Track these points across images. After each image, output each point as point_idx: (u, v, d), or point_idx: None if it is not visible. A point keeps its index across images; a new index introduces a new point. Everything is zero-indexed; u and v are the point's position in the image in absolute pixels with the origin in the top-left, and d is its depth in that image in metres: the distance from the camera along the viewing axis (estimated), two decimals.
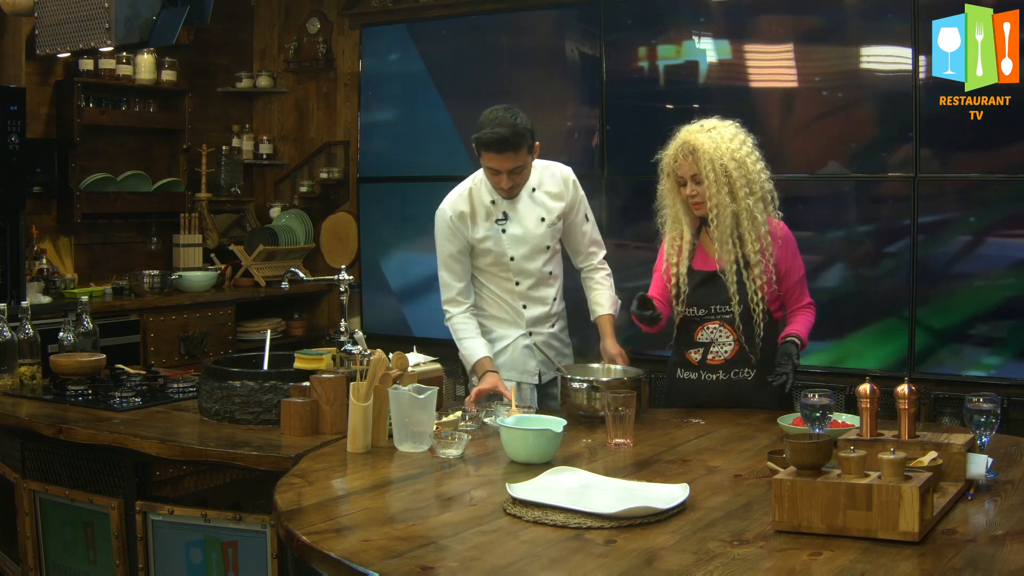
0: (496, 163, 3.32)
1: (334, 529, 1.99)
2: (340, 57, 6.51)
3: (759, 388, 3.15)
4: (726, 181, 3.06)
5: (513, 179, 3.36)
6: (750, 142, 3.15)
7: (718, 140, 3.08)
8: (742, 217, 3.09)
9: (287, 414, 2.82)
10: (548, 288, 3.55)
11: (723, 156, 3.06)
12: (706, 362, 3.18)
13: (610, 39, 5.44)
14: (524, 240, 3.46)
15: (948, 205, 4.74)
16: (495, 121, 3.28)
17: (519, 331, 3.54)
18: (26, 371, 3.48)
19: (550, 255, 3.52)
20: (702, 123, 3.15)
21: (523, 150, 3.30)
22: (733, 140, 3.10)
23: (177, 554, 2.83)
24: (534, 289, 3.52)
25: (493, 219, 3.45)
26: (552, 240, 3.50)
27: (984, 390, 2.94)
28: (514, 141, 3.26)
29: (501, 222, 3.45)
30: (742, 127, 3.17)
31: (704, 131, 3.11)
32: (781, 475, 1.96)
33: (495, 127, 3.26)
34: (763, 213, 3.12)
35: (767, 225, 3.13)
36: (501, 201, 3.45)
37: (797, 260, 3.24)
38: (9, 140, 4.85)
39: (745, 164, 3.08)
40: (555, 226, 3.49)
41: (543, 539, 1.93)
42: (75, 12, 3.84)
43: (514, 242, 3.46)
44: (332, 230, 6.52)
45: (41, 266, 5.34)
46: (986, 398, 2.28)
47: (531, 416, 2.79)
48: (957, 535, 1.92)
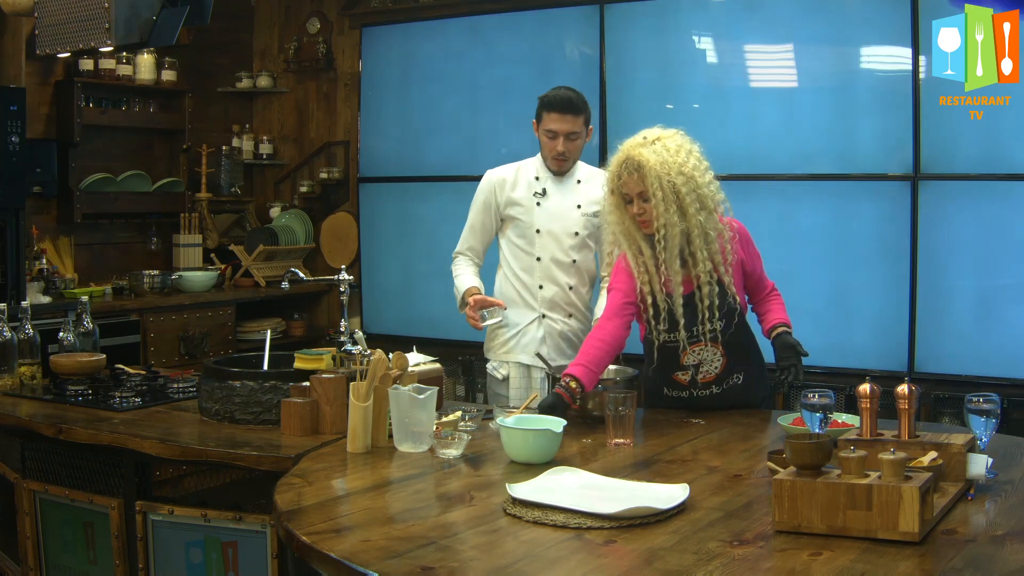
0: (557, 124, 3.51)
1: (334, 529, 1.99)
2: (340, 57, 6.51)
3: (748, 388, 3.12)
4: (674, 199, 2.89)
5: (567, 144, 3.53)
6: (696, 151, 2.98)
7: (664, 154, 2.90)
8: (693, 235, 2.94)
9: (287, 414, 2.82)
10: (569, 275, 3.61)
11: (670, 172, 2.88)
12: (697, 381, 3.07)
13: (610, 39, 5.44)
14: (556, 217, 3.58)
15: (948, 205, 4.74)
16: (563, 88, 3.56)
17: (533, 314, 3.61)
18: (26, 371, 3.48)
19: (578, 243, 3.59)
20: (644, 135, 2.98)
21: (582, 118, 3.53)
22: (679, 152, 2.92)
23: (177, 554, 2.83)
24: (555, 270, 3.59)
25: (532, 191, 3.60)
26: (582, 228, 3.59)
27: (984, 390, 2.93)
28: (578, 104, 3.52)
29: (538, 195, 3.59)
30: (686, 135, 3.01)
31: (648, 144, 2.93)
32: (781, 475, 1.96)
33: (561, 90, 3.54)
34: (715, 228, 2.97)
35: (718, 241, 2.98)
36: (545, 179, 3.60)
37: (754, 250, 3.15)
38: (9, 140, 4.85)
39: (693, 178, 2.91)
40: (589, 218, 3.59)
41: (543, 539, 1.92)
42: (75, 12, 3.84)
43: (546, 216, 3.59)
44: (332, 230, 6.52)
45: (41, 266, 5.34)
46: (986, 398, 2.28)
47: (531, 416, 2.79)
48: (957, 535, 1.92)
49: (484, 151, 4.24)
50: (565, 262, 3.60)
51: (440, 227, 5.90)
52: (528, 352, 3.60)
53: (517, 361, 3.62)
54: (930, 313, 4.78)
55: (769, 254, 5.06)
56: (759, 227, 5.09)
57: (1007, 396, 4.39)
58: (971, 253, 4.70)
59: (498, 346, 3.68)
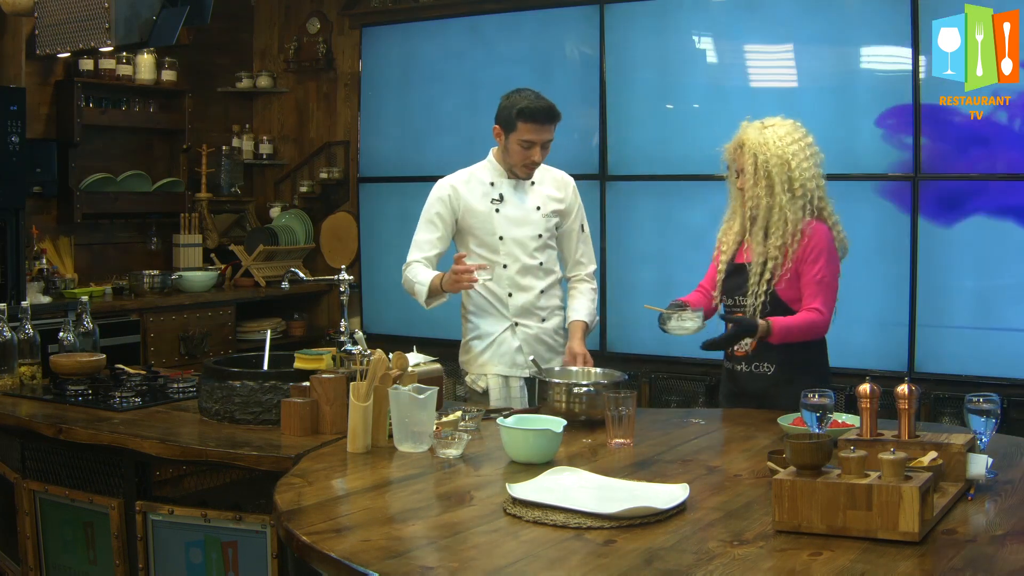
0: (534, 134, 3.43)
1: (334, 529, 1.99)
2: (340, 57, 6.51)
3: (778, 385, 3.15)
4: (764, 175, 3.14)
5: (542, 154, 3.48)
6: (804, 141, 3.20)
7: (768, 137, 3.17)
8: (774, 213, 3.14)
9: (287, 414, 2.82)
10: (537, 279, 3.56)
11: (767, 152, 3.14)
12: (734, 353, 3.25)
13: (610, 39, 5.44)
14: (517, 222, 3.51)
15: (948, 205, 4.74)
16: (533, 95, 3.44)
17: (504, 323, 3.56)
18: (26, 371, 3.48)
19: (541, 245, 3.54)
20: (764, 120, 3.25)
21: (555, 126, 3.47)
22: (784, 138, 3.17)
23: (177, 554, 2.83)
24: (521, 276, 3.54)
25: (488, 198, 3.52)
26: (545, 230, 3.54)
27: (984, 390, 2.94)
28: (556, 112, 3.45)
29: (496, 202, 3.52)
30: (801, 126, 3.25)
31: (758, 127, 3.22)
32: (781, 475, 1.96)
33: (537, 99, 3.43)
34: (798, 212, 3.14)
35: (800, 224, 3.14)
36: (500, 183, 3.53)
37: (818, 264, 3.15)
38: (9, 140, 4.85)
39: (789, 163, 3.13)
40: (550, 219, 3.54)
41: (543, 539, 1.92)
42: (75, 12, 3.84)
43: (506, 222, 3.52)
44: (332, 230, 6.52)
45: (41, 266, 5.33)
46: (986, 398, 2.28)
47: (531, 416, 2.79)
48: (957, 535, 1.92)
49: (484, 151, 4.25)
50: (532, 265, 3.54)
51: None
52: (505, 362, 3.54)
53: (496, 372, 3.55)
54: (930, 313, 4.78)
55: None
56: None
57: (1007, 396, 4.39)
58: (971, 253, 4.70)
59: (473, 359, 3.62)
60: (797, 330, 3.12)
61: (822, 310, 3.16)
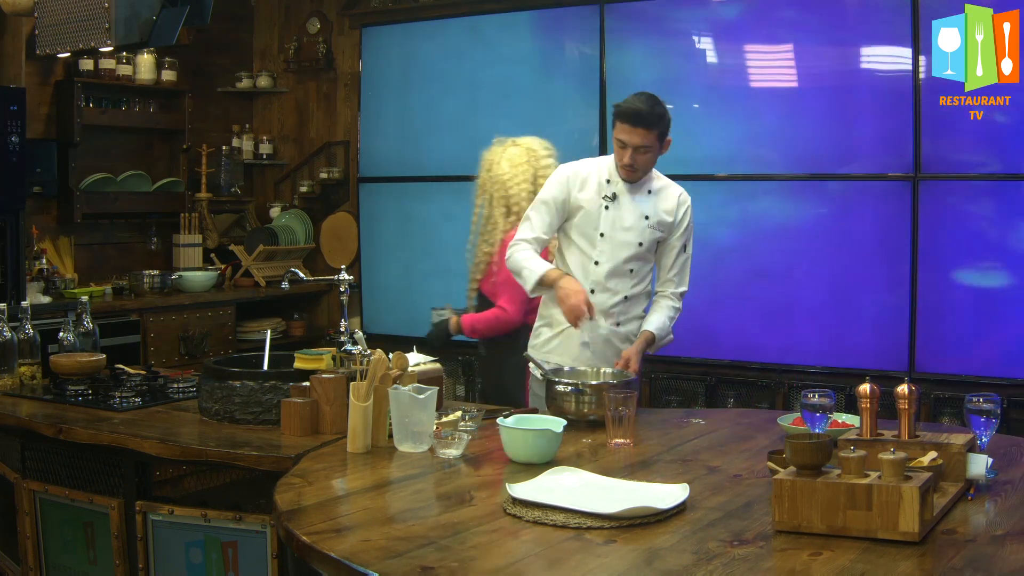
0: (625, 135, 3.37)
1: (334, 529, 1.99)
2: (340, 57, 6.51)
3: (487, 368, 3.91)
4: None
5: (636, 157, 3.39)
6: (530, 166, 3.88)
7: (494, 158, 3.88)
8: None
9: (287, 414, 2.82)
10: (623, 283, 3.48)
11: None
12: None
13: (610, 39, 5.44)
14: (621, 225, 3.46)
15: (948, 205, 4.74)
16: (638, 97, 3.39)
17: None
18: (26, 371, 3.48)
19: (638, 254, 3.47)
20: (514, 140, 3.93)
21: (654, 132, 3.35)
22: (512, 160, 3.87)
23: (177, 554, 2.83)
24: (609, 277, 3.47)
25: (602, 193, 3.48)
26: (645, 239, 3.46)
27: (984, 390, 2.94)
28: (647, 118, 3.34)
29: (608, 199, 3.47)
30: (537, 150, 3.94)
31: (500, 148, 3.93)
32: (781, 475, 1.96)
33: (636, 100, 3.38)
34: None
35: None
36: (617, 182, 3.48)
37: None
38: (9, 140, 4.85)
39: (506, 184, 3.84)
40: (654, 231, 3.46)
41: (543, 539, 1.93)
42: (75, 12, 3.84)
43: (611, 222, 3.46)
44: (332, 230, 6.52)
45: (41, 266, 5.34)
46: (986, 398, 2.28)
47: (531, 416, 2.79)
48: (957, 535, 1.92)
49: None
50: (623, 270, 3.47)
51: (440, 227, 5.90)
52: (570, 355, 3.48)
53: (556, 363, 3.43)
54: (930, 313, 4.78)
55: (769, 254, 5.11)
56: (759, 227, 5.16)
57: (1007, 396, 4.39)
58: (971, 253, 4.70)
59: (540, 346, 3.58)
60: (475, 323, 3.85)
61: (507, 307, 3.76)
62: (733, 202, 5.22)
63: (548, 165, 3.90)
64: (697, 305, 5.24)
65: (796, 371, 5.01)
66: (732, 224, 5.21)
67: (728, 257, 5.21)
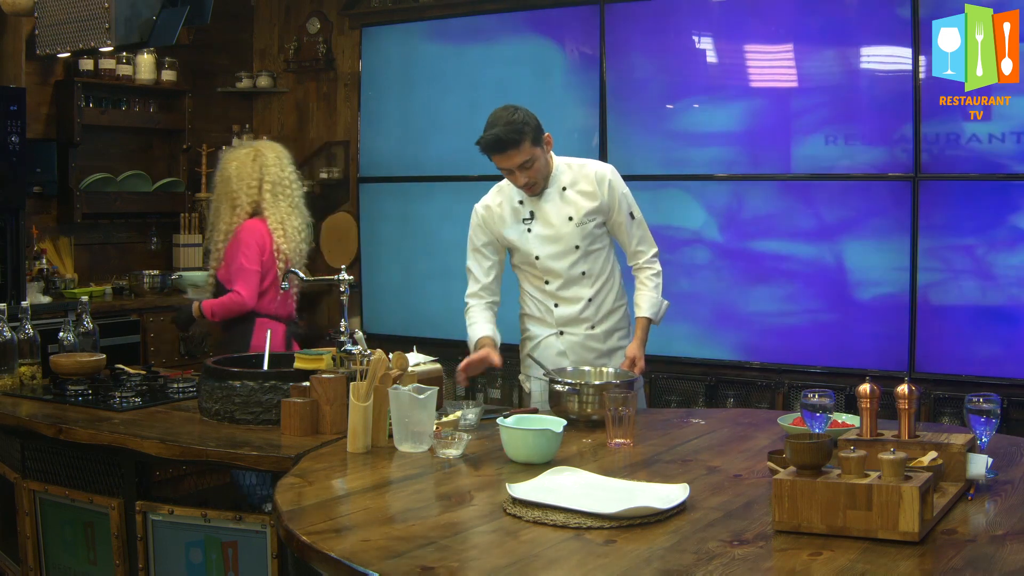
0: (501, 162, 3.33)
1: (334, 529, 1.99)
2: (340, 57, 6.51)
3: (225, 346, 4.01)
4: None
5: (527, 175, 3.34)
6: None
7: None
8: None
9: (287, 414, 2.82)
10: (581, 288, 3.48)
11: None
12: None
13: (610, 39, 5.44)
14: (551, 239, 3.44)
15: (948, 205, 4.74)
16: (491, 123, 3.30)
17: (550, 330, 3.53)
18: (26, 371, 3.48)
19: (580, 255, 3.45)
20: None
21: (525, 144, 3.27)
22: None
23: (177, 554, 2.83)
24: (564, 289, 3.48)
25: (520, 218, 3.46)
26: (583, 240, 3.43)
27: (984, 390, 2.94)
28: (509, 138, 3.25)
29: (527, 221, 3.45)
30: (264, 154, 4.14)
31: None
32: (781, 475, 1.96)
33: (490, 129, 3.29)
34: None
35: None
36: (528, 201, 3.45)
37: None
38: (9, 140, 4.85)
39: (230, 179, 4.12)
40: (585, 225, 3.42)
41: (543, 539, 1.92)
42: (75, 12, 3.84)
43: (540, 241, 3.45)
44: (332, 230, 6.52)
45: (41, 266, 5.34)
46: (986, 398, 2.28)
47: (531, 416, 2.79)
48: (957, 535, 1.92)
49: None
50: (574, 277, 3.47)
51: (440, 227, 5.91)
52: (548, 365, 3.47)
53: (537, 376, 3.44)
54: (930, 313, 4.78)
55: (769, 254, 5.11)
56: (759, 227, 5.15)
57: (1007, 396, 4.39)
58: (971, 253, 4.70)
59: (524, 358, 3.61)
60: (221, 308, 4.03)
61: (241, 291, 3.99)
62: (733, 202, 5.22)
63: (271, 166, 4.15)
64: (697, 305, 5.26)
65: (796, 371, 5.02)
66: (732, 224, 5.21)
67: (728, 257, 5.22)
